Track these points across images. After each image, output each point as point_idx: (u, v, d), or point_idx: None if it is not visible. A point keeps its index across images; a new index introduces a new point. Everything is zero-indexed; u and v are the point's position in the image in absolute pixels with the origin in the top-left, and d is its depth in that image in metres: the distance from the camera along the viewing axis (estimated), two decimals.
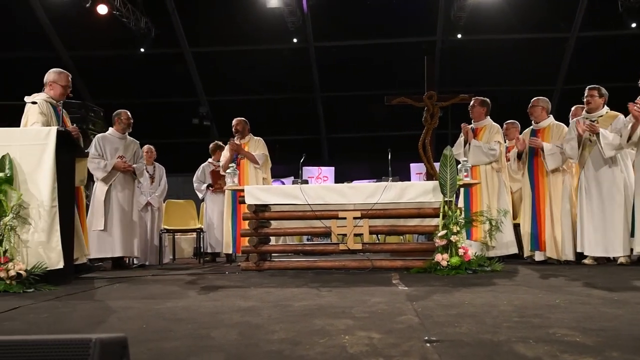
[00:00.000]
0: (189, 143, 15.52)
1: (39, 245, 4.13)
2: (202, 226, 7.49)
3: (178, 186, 13.73)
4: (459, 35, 13.73)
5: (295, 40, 13.98)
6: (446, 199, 5.02)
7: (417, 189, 5.20)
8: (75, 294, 3.82)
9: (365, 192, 5.26)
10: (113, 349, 1.42)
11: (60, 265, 4.16)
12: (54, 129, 4.27)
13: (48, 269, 4.10)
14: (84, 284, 4.45)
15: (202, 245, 7.40)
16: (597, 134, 5.43)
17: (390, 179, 5.42)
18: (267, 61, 14.39)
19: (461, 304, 3.05)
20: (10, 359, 1.37)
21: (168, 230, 7.32)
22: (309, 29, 13.89)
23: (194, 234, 8.17)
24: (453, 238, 4.87)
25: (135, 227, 6.31)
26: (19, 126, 4.80)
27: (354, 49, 14.55)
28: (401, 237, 8.73)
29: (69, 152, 4.57)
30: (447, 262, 4.81)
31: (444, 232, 4.91)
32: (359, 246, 5.30)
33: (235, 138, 6.79)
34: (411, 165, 14.98)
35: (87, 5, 11.60)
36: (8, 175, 4.07)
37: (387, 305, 3.06)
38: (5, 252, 4.00)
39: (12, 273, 3.92)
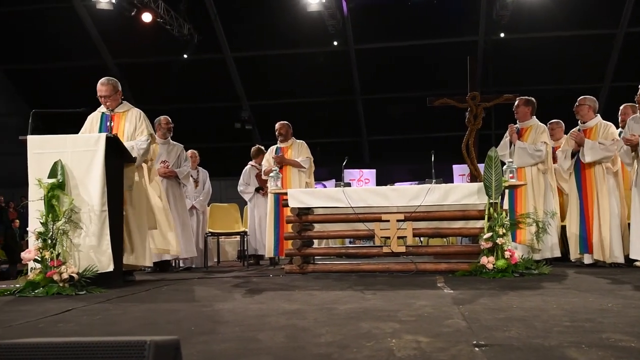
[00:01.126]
0: (231, 147, 15.76)
1: (90, 249, 4.25)
2: (246, 229, 7.57)
3: (221, 190, 13.96)
4: (502, 34, 13.51)
5: (335, 43, 14.02)
6: (491, 201, 4.93)
7: (461, 191, 5.13)
8: (125, 297, 3.91)
9: (409, 194, 5.21)
10: (166, 351, 1.45)
11: (110, 268, 4.27)
12: (103, 136, 4.39)
13: (99, 272, 4.21)
14: (133, 287, 4.56)
15: (246, 249, 7.48)
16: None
17: (434, 181, 5.35)
18: (308, 65, 14.48)
19: (509, 308, 2.99)
20: (70, 359, 1.41)
21: (213, 234, 7.43)
22: (349, 31, 13.91)
23: (238, 237, 8.27)
24: (499, 240, 4.78)
25: (184, 230, 6.38)
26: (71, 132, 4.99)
27: (394, 51, 14.49)
28: (444, 239, 8.63)
29: (117, 158, 4.69)
30: (493, 265, 4.73)
31: (490, 234, 4.82)
32: (402, 249, 5.27)
33: (278, 142, 6.84)
34: (454, 166, 14.78)
35: (132, 14, 11.91)
36: (60, 180, 4.21)
37: (433, 308, 3.02)
38: (58, 255, 4.13)
39: (64, 276, 4.05)
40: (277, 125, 6.95)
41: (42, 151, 4.31)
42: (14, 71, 15.07)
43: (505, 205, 5.82)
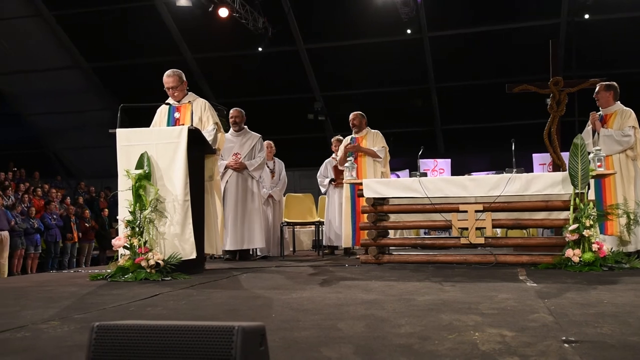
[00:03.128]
0: (305, 138, 15.91)
1: (174, 237, 4.42)
2: (321, 219, 7.63)
3: (295, 180, 14.14)
4: (587, 16, 12.82)
5: (408, 31, 13.81)
6: (577, 191, 4.72)
7: (544, 181, 4.93)
8: (207, 283, 4.05)
9: (488, 184, 5.07)
10: (253, 337, 1.49)
11: (193, 255, 4.43)
12: (185, 128, 4.54)
13: (182, 259, 4.38)
14: (214, 274, 4.71)
15: (321, 238, 7.55)
16: None
17: (515, 170, 5.18)
18: (381, 54, 14.36)
19: (599, 303, 2.85)
20: (162, 342, 1.48)
21: (289, 223, 7.55)
22: (423, 19, 13.65)
23: (313, 227, 8.36)
24: (586, 232, 4.57)
25: (254, 220, 6.51)
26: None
27: (469, 37, 14.11)
28: (524, 231, 8.35)
29: (198, 149, 4.84)
30: (579, 258, 4.52)
31: (576, 226, 4.61)
32: (481, 240, 5.14)
33: (352, 132, 6.84)
34: (533, 155, 14.30)
35: (210, 9, 12.24)
36: (147, 172, 4.40)
37: (516, 302, 2.93)
38: (145, 243, 4.33)
39: (151, 262, 4.24)
40: (350, 116, 6.94)
41: (130, 143, 4.51)
42: (102, 68, 15.87)
43: (591, 195, 5.55)
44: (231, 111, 6.86)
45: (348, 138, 6.94)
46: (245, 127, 6.81)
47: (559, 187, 4.86)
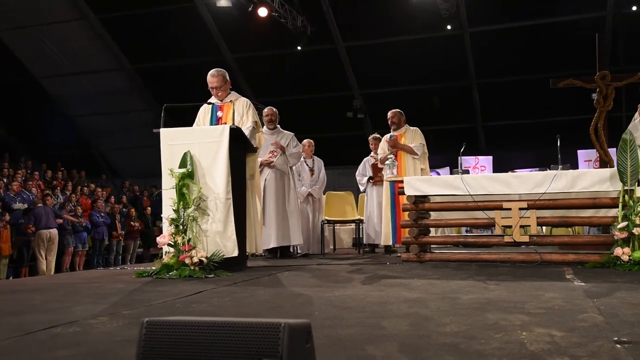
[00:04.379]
0: (343, 136, 15.88)
1: (217, 235, 4.48)
2: (362, 217, 7.62)
3: (334, 178, 14.15)
4: (634, 7, 12.40)
5: (448, 27, 13.62)
6: (626, 188, 4.57)
7: (591, 177, 4.80)
8: (249, 281, 4.09)
9: (532, 181, 4.97)
10: (299, 334, 1.49)
11: (235, 253, 4.48)
12: (227, 127, 4.59)
13: (225, 256, 4.44)
14: (255, 272, 4.75)
15: (361, 236, 7.53)
16: None
17: (560, 167, 5.05)
18: (420, 51, 14.22)
19: None
20: (210, 337, 1.50)
21: (329, 221, 7.56)
22: (463, 14, 13.45)
23: (353, 225, 8.34)
24: (635, 230, 4.43)
25: (291, 217, 6.55)
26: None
27: (511, 32, 13.82)
28: (569, 229, 8.14)
29: (240, 148, 4.89)
30: (629, 256, 4.39)
31: (625, 223, 4.48)
32: (525, 238, 5.03)
33: (391, 130, 6.80)
34: (578, 152, 13.93)
35: (249, 9, 12.36)
36: (189, 170, 4.47)
37: (564, 301, 2.87)
38: (189, 240, 4.41)
39: (195, 260, 4.31)
40: (389, 114, 6.89)
41: (174, 143, 4.59)
42: (144, 69, 16.20)
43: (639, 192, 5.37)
44: (266, 110, 6.92)
45: (387, 135, 6.89)
46: (278, 125, 6.87)
47: (607, 184, 4.72)
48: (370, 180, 7.38)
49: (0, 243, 10.09)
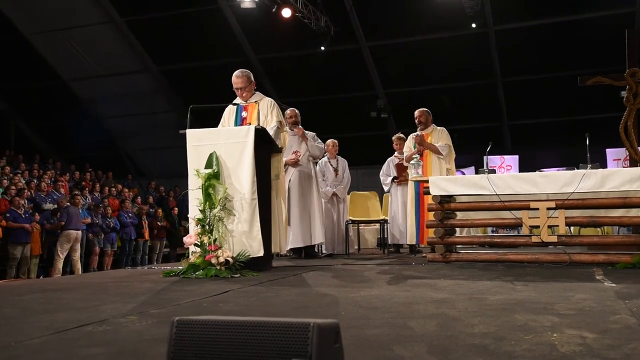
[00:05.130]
0: (367, 136, 15.85)
1: (242, 235, 4.51)
2: (386, 217, 7.59)
3: (358, 178, 14.12)
4: None
5: (473, 25, 13.49)
6: None
7: (621, 177, 4.71)
8: (275, 280, 4.10)
9: (560, 180, 4.89)
10: (328, 334, 1.50)
11: (261, 253, 4.50)
12: (252, 128, 4.62)
13: (250, 256, 4.46)
14: (281, 272, 4.77)
15: (386, 236, 7.50)
16: None
17: (590, 166, 4.97)
18: (444, 49, 14.12)
19: None
20: (239, 337, 1.51)
21: (353, 222, 7.55)
22: (488, 12, 13.31)
23: (378, 225, 8.32)
24: None
25: (315, 217, 6.55)
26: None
27: (537, 29, 13.63)
28: (598, 229, 7.99)
29: (265, 148, 4.91)
30: None
31: None
32: (553, 238, 4.96)
33: (417, 130, 6.76)
34: (607, 150, 13.68)
35: (273, 10, 12.41)
36: (215, 171, 4.51)
37: (594, 302, 2.82)
38: (215, 240, 4.44)
39: (221, 259, 4.34)
40: (416, 113, 6.85)
41: (200, 143, 4.63)
42: (169, 71, 16.37)
43: None
44: (288, 111, 6.93)
45: (413, 135, 6.85)
46: (301, 127, 6.88)
47: (638, 183, 4.63)
48: (395, 180, 7.35)
49: (30, 243, 10.30)
